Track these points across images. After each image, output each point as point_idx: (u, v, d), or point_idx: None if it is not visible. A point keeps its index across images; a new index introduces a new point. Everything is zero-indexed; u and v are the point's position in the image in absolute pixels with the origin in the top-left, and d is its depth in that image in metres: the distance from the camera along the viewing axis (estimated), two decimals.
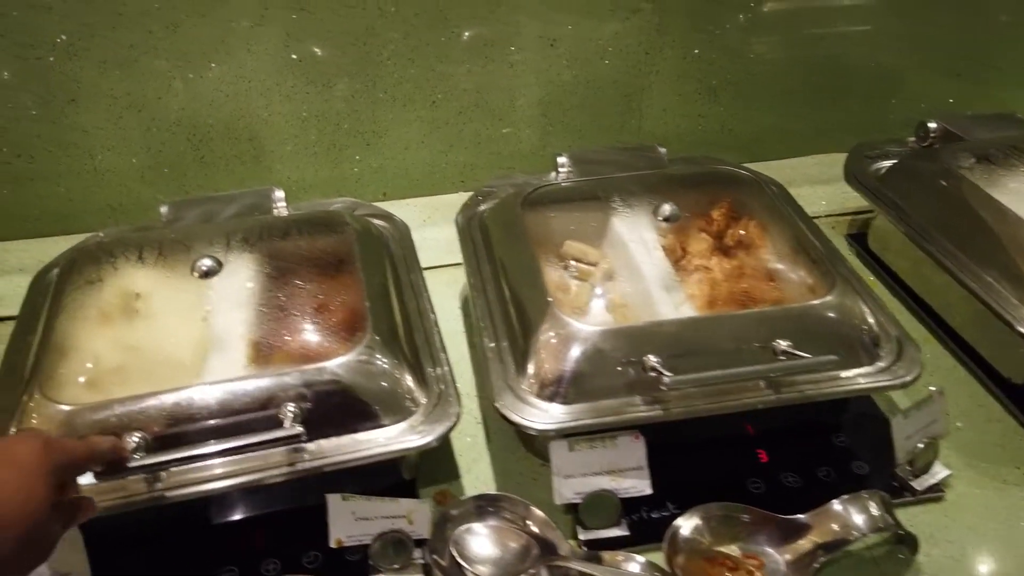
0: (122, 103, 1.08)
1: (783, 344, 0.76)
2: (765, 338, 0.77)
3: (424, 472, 0.83)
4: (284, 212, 0.95)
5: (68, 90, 1.05)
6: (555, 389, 0.76)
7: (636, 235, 0.94)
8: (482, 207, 1.02)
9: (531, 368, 0.78)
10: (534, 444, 0.85)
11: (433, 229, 1.16)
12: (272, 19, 1.05)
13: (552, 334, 0.78)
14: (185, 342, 0.80)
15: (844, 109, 1.33)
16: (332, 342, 0.77)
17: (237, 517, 0.77)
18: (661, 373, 0.72)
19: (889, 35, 1.29)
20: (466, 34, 1.12)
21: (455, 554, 0.74)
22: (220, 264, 0.82)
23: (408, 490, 0.81)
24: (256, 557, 0.74)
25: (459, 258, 1.15)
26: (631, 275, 0.90)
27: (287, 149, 1.17)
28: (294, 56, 1.09)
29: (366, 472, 0.73)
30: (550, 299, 0.79)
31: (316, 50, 1.09)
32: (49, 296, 0.85)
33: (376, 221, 0.99)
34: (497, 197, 1.04)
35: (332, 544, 0.72)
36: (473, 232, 0.99)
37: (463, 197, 1.27)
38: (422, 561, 0.73)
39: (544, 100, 1.21)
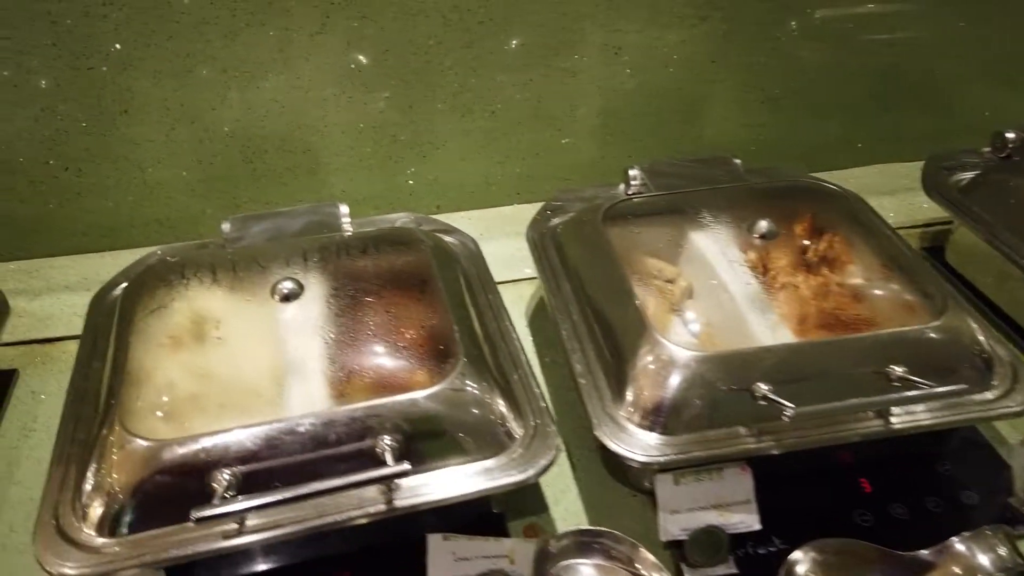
0: (175, 114, 1.04)
1: (899, 370, 0.72)
2: (879, 364, 0.73)
3: (512, 504, 0.79)
4: (350, 228, 0.92)
5: (120, 101, 1.01)
6: (657, 418, 0.72)
7: (718, 251, 0.90)
8: (554, 221, 0.98)
9: (630, 395, 0.74)
10: (626, 474, 0.81)
11: (491, 243, 1.11)
12: (333, 27, 1.01)
13: (652, 359, 0.73)
14: (262, 369, 0.75)
15: (906, 118, 1.29)
16: (421, 369, 0.73)
17: (320, 554, 0.73)
18: (778, 403, 0.68)
19: (952, 43, 1.25)
20: (529, 42, 1.08)
21: None
22: (301, 287, 0.78)
23: (497, 523, 0.77)
24: None
25: (519, 273, 1.12)
26: (714, 293, 0.87)
27: (341, 161, 1.13)
28: (353, 66, 1.05)
29: (455, 506, 0.69)
30: (649, 322, 0.75)
31: (376, 59, 1.05)
32: (116, 318, 0.81)
33: (445, 237, 0.95)
34: (566, 211, 1.01)
35: None
36: (547, 248, 0.95)
37: (519, 209, 1.25)
38: None
39: (605, 110, 1.17)
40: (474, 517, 0.75)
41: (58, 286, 1.07)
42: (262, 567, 0.72)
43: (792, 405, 0.68)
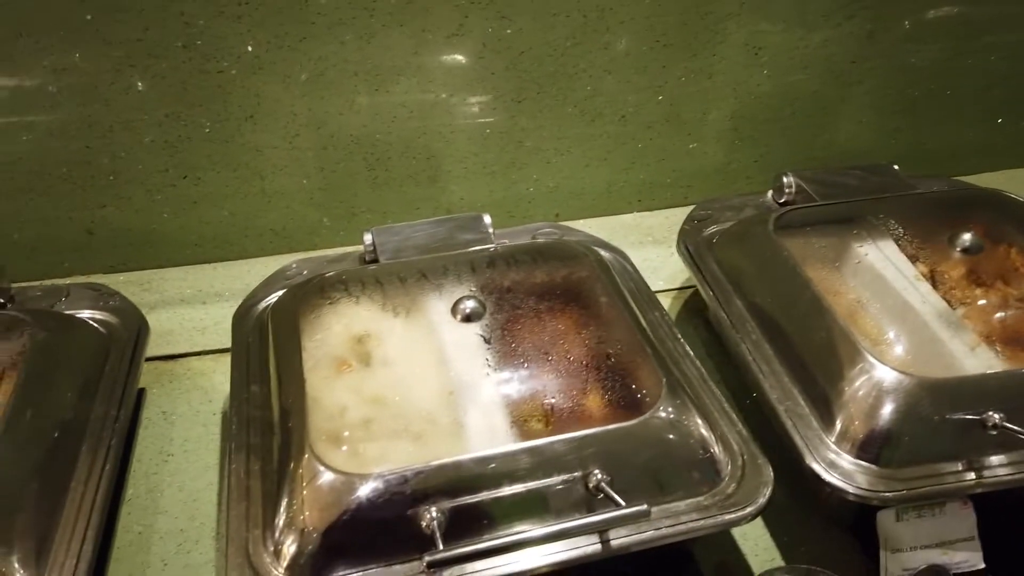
0: (301, 120, 0.99)
1: None
2: None
3: (698, 541, 0.73)
4: (494, 240, 0.87)
5: (246, 106, 0.97)
6: (872, 449, 0.67)
7: (893, 267, 0.85)
8: (708, 231, 0.93)
9: (840, 423, 0.68)
10: (819, 508, 0.75)
11: None
12: (471, 28, 0.96)
13: (866, 383, 0.68)
14: (433, 393, 0.70)
15: None
16: (621, 397, 0.68)
17: None
18: (1019, 433, 0.63)
19: None
20: (670, 43, 1.03)
21: None
22: (484, 307, 0.73)
23: (686, 561, 0.72)
24: None
25: (656, 285, 1.06)
26: (900, 313, 0.81)
27: (463, 168, 1.08)
28: (486, 68, 1.00)
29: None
30: (860, 342, 0.70)
31: (511, 62, 1.00)
32: (271, 337, 0.76)
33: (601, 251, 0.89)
34: (715, 220, 0.95)
35: None
36: (705, 259, 0.89)
37: (640, 217, 1.20)
38: None
39: (737, 113, 1.11)
40: (661, 554, 0.69)
41: (173, 299, 1.03)
42: None
43: None
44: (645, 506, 0.56)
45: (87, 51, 0.90)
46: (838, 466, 0.67)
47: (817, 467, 0.66)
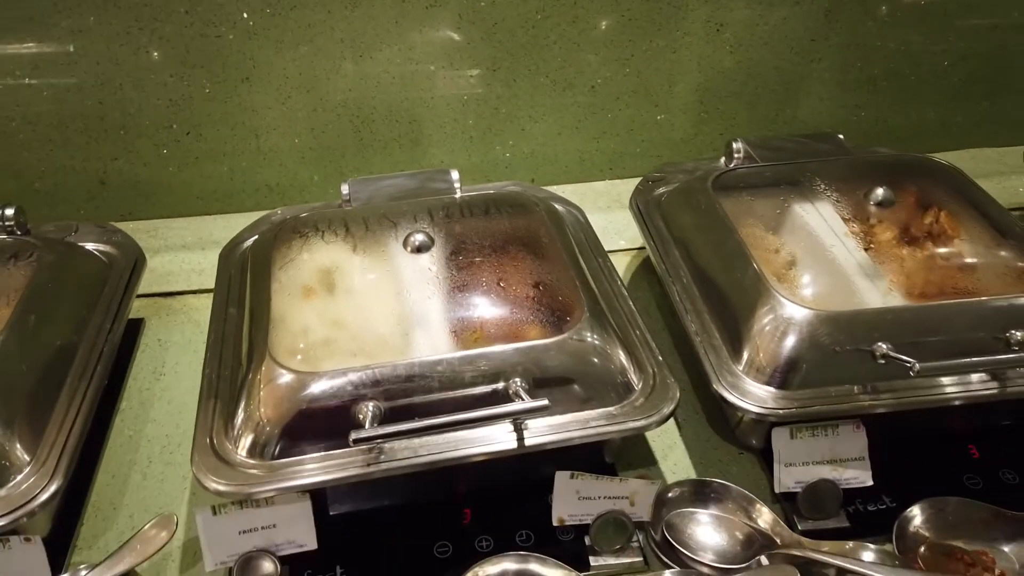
0: (292, 83, 1.09)
1: (1019, 335, 0.73)
2: (998, 329, 0.73)
3: (622, 456, 0.81)
4: (460, 193, 0.95)
5: (243, 69, 1.07)
6: (775, 374, 0.74)
7: (825, 222, 0.92)
8: (658, 191, 1.01)
9: (747, 352, 0.76)
10: (734, 432, 0.83)
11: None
12: (447, 0, 1.05)
13: (772, 317, 0.75)
14: (389, 318, 0.79)
15: (1006, 104, 1.28)
16: (543, 322, 0.76)
17: (449, 493, 0.77)
18: (901, 360, 0.70)
19: None
20: (635, 18, 1.10)
21: (670, 538, 0.72)
22: (432, 240, 0.82)
23: (608, 473, 0.79)
24: (469, 534, 0.74)
25: (614, 245, 1.14)
26: (822, 262, 0.88)
27: (444, 133, 1.17)
28: (464, 38, 1.09)
29: (572, 454, 0.71)
30: (769, 281, 0.77)
31: (486, 32, 1.08)
32: (249, 268, 0.86)
33: (554, 204, 0.98)
34: (668, 183, 1.03)
35: (555, 522, 0.71)
36: (652, 216, 0.97)
37: (611, 185, 1.27)
38: (638, 544, 0.72)
39: (703, 86, 1.19)
40: (587, 465, 0.77)
41: (176, 245, 1.13)
42: (388, 501, 0.76)
43: (914, 360, 0.69)
44: (545, 401, 0.65)
45: (101, 14, 1.00)
46: (740, 388, 0.74)
47: (721, 389, 0.74)
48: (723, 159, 1.05)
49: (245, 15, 1.02)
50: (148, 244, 1.12)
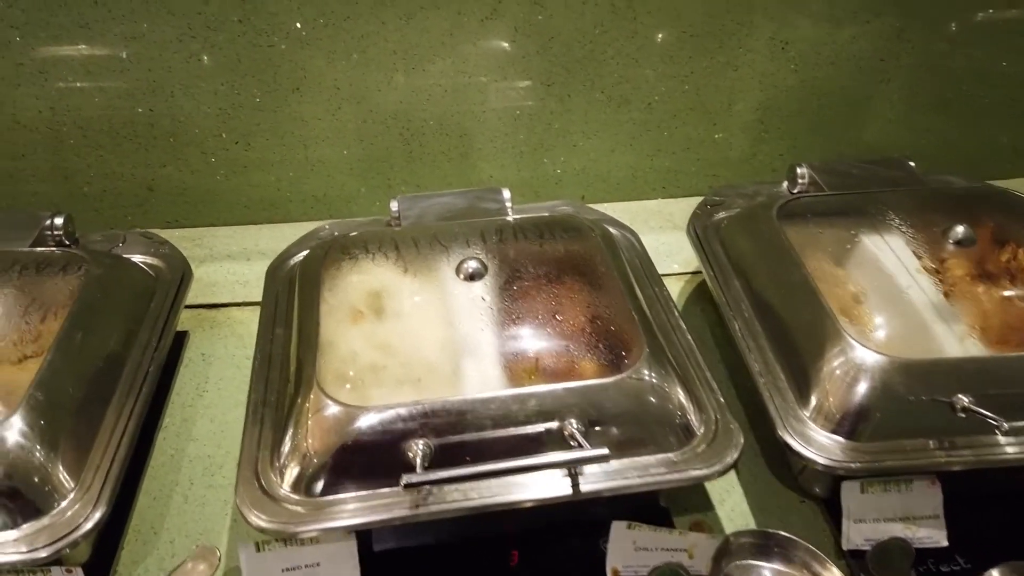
0: (343, 94, 1.06)
1: None
2: None
3: (678, 500, 0.78)
4: (511, 214, 0.92)
5: (294, 79, 1.05)
6: (844, 423, 0.70)
7: (897, 256, 0.87)
8: (718, 216, 0.97)
9: (814, 398, 0.72)
10: (796, 479, 0.79)
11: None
12: (504, 12, 1.02)
13: (843, 362, 0.71)
14: (438, 346, 0.76)
15: None
16: (604, 357, 0.73)
17: (497, 532, 0.74)
18: (985, 416, 0.65)
19: None
20: (696, 33, 1.06)
21: None
22: (485, 268, 0.79)
23: (662, 518, 0.76)
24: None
25: (667, 268, 1.10)
26: (894, 299, 0.83)
27: (493, 147, 1.14)
28: (518, 52, 1.06)
29: (627, 498, 0.68)
30: (840, 324, 0.73)
31: (542, 46, 1.05)
32: (297, 287, 0.84)
33: (609, 228, 0.94)
34: (728, 207, 0.99)
35: (608, 573, 0.67)
36: (711, 243, 0.93)
37: (664, 204, 1.23)
38: None
39: (764, 105, 1.14)
40: (640, 508, 0.74)
41: (221, 255, 1.12)
42: (434, 539, 0.74)
43: (1000, 419, 0.64)
44: (606, 450, 0.61)
45: (154, 21, 0.99)
46: (808, 437, 0.70)
47: (788, 437, 0.70)
48: (785, 183, 1.01)
49: (298, 25, 1.00)
50: (193, 253, 1.12)
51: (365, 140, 1.11)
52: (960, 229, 0.85)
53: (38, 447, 0.66)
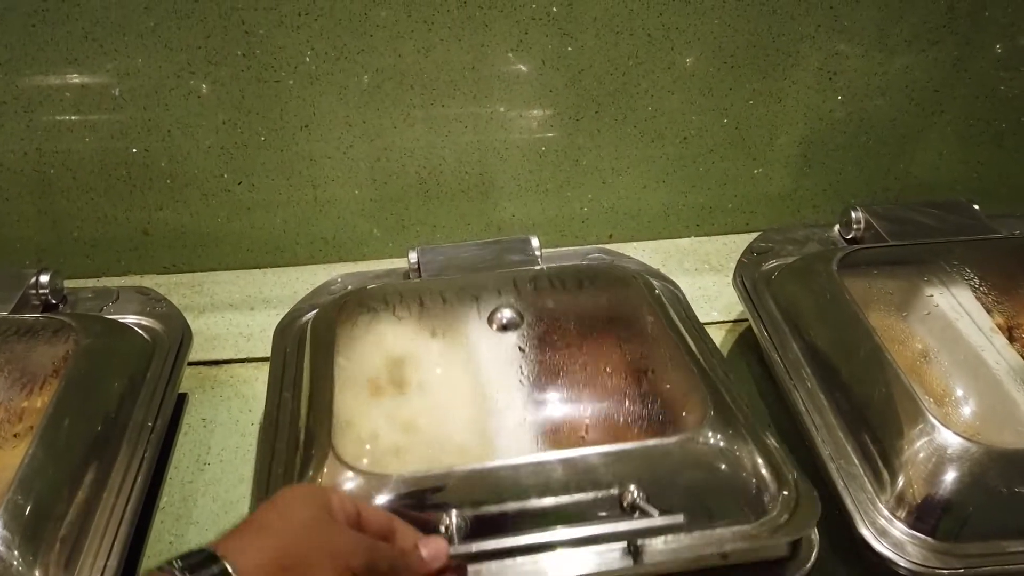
0: (356, 131, 0.98)
1: None
2: None
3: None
4: (542, 263, 0.84)
5: (302, 116, 0.97)
6: (929, 519, 0.62)
7: (967, 319, 0.79)
8: (768, 265, 0.88)
9: (895, 489, 0.64)
10: (865, 570, 0.71)
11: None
12: (530, 44, 0.94)
13: (928, 448, 0.63)
14: (468, 420, 0.68)
15: None
16: (662, 416, 0.65)
17: None
18: None
19: None
20: (738, 64, 0.98)
21: None
22: (521, 317, 0.70)
23: None
24: None
25: (711, 316, 1.02)
26: (975, 372, 0.75)
27: (516, 185, 1.06)
28: (545, 85, 0.98)
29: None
30: (923, 403, 0.65)
31: (571, 79, 0.97)
32: (308, 347, 0.76)
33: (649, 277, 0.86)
34: (776, 253, 0.91)
35: None
36: (761, 296, 0.85)
37: (698, 243, 1.15)
38: None
39: (808, 139, 1.06)
40: None
41: (222, 303, 1.04)
42: None
43: None
44: (681, 517, 0.53)
45: (150, 56, 0.91)
46: (890, 535, 0.62)
47: (868, 534, 0.62)
48: (837, 227, 0.93)
49: (308, 58, 0.92)
50: (193, 301, 1.04)
51: (379, 180, 1.03)
52: None
53: (17, 558, 0.57)
